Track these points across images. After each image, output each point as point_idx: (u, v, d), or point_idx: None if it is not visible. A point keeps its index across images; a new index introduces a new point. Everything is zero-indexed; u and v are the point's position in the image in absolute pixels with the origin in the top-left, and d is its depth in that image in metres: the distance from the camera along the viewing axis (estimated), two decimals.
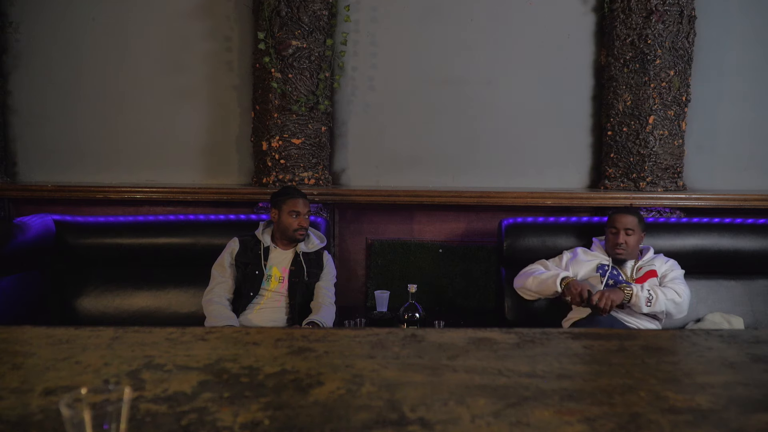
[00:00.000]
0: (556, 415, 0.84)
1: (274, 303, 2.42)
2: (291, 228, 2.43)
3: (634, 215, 2.50)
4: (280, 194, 2.49)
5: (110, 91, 3.23)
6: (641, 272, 2.47)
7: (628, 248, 2.46)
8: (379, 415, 0.83)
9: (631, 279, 2.47)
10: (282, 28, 2.91)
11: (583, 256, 2.55)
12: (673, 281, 2.42)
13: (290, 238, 2.46)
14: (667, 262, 2.51)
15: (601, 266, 2.49)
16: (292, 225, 2.43)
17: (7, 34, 3.18)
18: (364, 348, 1.13)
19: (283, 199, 2.45)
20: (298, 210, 2.43)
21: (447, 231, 3.18)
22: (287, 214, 2.43)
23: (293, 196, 2.45)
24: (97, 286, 2.68)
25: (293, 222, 2.43)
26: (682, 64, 2.99)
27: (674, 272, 2.47)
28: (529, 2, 3.17)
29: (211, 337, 1.18)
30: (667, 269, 2.48)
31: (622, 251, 2.46)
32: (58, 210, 2.84)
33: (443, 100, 3.22)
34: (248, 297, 2.39)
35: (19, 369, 1.01)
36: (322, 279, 2.49)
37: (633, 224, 2.46)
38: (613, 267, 2.49)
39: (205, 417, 0.82)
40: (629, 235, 2.45)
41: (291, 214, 2.43)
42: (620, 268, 2.50)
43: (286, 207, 2.43)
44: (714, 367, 1.05)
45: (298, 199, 2.45)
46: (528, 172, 3.25)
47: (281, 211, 2.44)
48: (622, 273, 2.48)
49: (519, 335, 1.20)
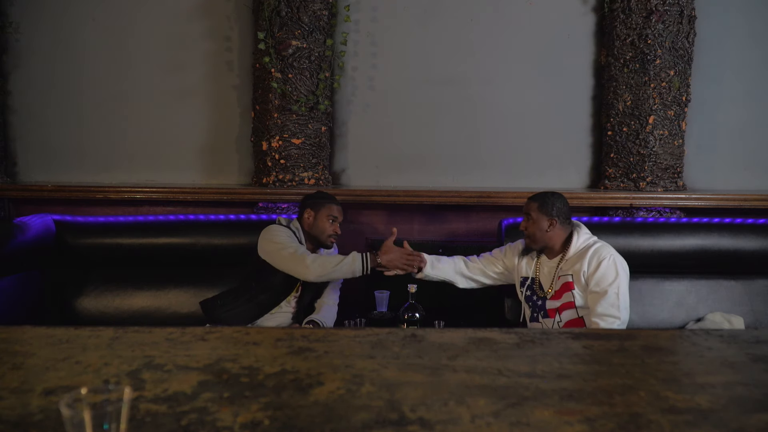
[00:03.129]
0: (556, 415, 0.84)
1: (288, 307, 2.42)
2: (326, 233, 2.41)
3: (535, 200, 2.28)
4: (319, 197, 2.47)
5: (110, 91, 3.22)
6: (559, 283, 2.23)
7: (532, 236, 2.27)
8: (379, 415, 0.83)
9: (549, 291, 2.26)
10: (282, 28, 2.91)
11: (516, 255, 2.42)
12: (601, 317, 2.07)
13: (321, 242, 2.43)
14: (599, 267, 2.14)
15: (524, 278, 2.36)
16: (327, 230, 2.40)
17: (7, 34, 3.18)
18: (364, 348, 1.13)
19: (322, 202, 2.43)
20: (335, 215, 2.41)
21: (447, 231, 3.18)
22: (325, 218, 2.40)
23: (333, 201, 2.44)
24: (97, 286, 2.68)
25: (329, 227, 2.40)
26: (682, 64, 2.99)
27: (608, 294, 2.09)
28: (529, 2, 3.17)
29: (211, 337, 1.18)
30: (598, 280, 2.12)
31: (528, 240, 2.30)
32: (58, 210, 2.84)
33: (443, 100, 3.21)
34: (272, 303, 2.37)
35: (19, 369, 1.01)
36: None
37: (533, 208, 2.26)
38: (533, 279, 2.32)
39: (205, 417, 0.82)
40: (529, 221, 2.27)
41: (329, 218, 2.40)
42: (540, 275, 2.31)
43: (325, 211, 2.41)
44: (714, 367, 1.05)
45: (336, 206, 2.45)
46: (528, 172, 3.25)
47: (318, 213, 2.41)
48: (541, 284, 2.30)
49: (519, 335, 1.20)
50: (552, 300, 2.26)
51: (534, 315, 2.32)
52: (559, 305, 2.24)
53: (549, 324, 2.26)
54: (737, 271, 2.72)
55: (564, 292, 2.23)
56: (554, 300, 2.25)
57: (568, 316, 2.22)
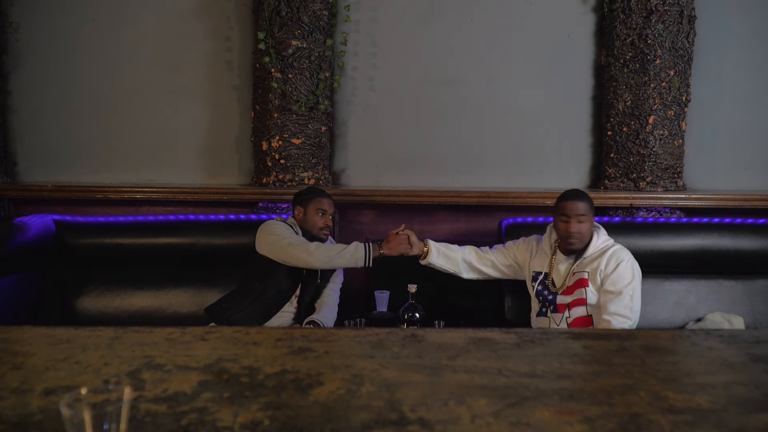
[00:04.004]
0: (556, 415, 0.84)
1: (291, 307, 2.42)
2: (317, 226, 2.42)
3: (585, 200, 2.23)
4: (307, 192, 2.49)
5: (110, 91, 3.22)
6: (573, 279, 2.24)
7: (582, 237, 2.23)
8: (379, 415, 0.83)
9: (561, 288, 2.27)
10: (282, 28, 2.91)
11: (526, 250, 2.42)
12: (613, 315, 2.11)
13: (314, 237, 2.43)
14: (618, 268, 2.18)
15: (536, 273, 2.34)
16: (317, 223, 2.42)
17: (7, 34, 3.18)
18: (364, 348, 1.12)
19: (310, 197, 2.45)
20: (324, 209, 2.43)
21: (447, 231, 3.18)
22: (314, 212, 2.42)
23: (321, 195, 2.46)
24: (97, 286, 2.69)
25: (319, 220, 2.42)
26: (682, 64, 2.99)
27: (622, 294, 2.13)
28: (529, 2, 3.17)
29: (211, 337, 1.18)
30: (614, 280, 2.16)
31: (575, 241, 2.23)
32: (58, 210, 2.84)
33: (443, 100, 3.21)
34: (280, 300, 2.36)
35: (19, 369, 1.01)
36: (331, 280, 2.50)
37: (585, 210, 2.21)
38: (546, 274, 2.31)
39: (205, 417, 0.82)
40: (582, 222, 2.21)
41: (318, 212, 2.42)
42: (554, 271, 2.30)
43: (313, 205, 2.43)
44: (714, 367, 1.05)
45: (325, 198, 2.45)
46: (528, 172, 3.25)
47: (307, 209, 2.43)
48: (554, 280, 2.29)
49: (519, 335, 1.20)
50: (563, 295, 2.28)
51: (543, 309, 2.33)
52: (570, 301, 2.26)
53: (557, 319, 2.28)
54: (737, 271, 2.72)
55: (577, 288, 2.25)
56: (565, 295, 2.27)
57: (578, 313, 2.24)
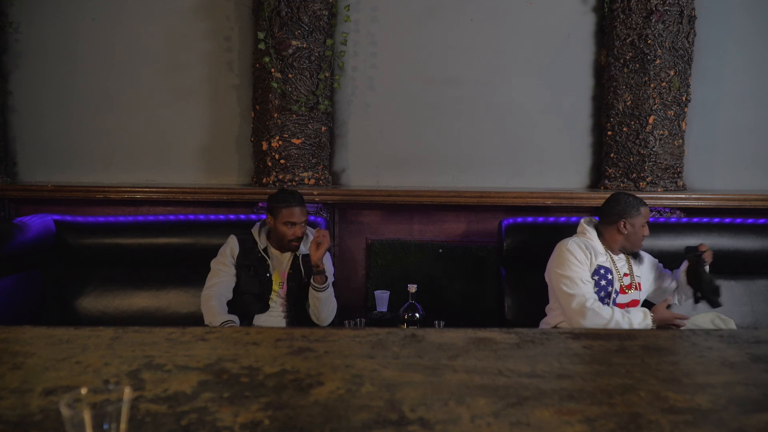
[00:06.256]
0: (556, 415, 0.84)
1: (278, 308, 2.40)
2: (285, 238, 2.34)
3: (646, 205, 2.39)
4: (276, 200, 2.35)
5: (110, 91, 3.22)
6: (627, 279, 2.39)
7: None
8: (379, 415, 0.83)
9: (620, 281, 2.36)
10: (282, 28, 2.91)
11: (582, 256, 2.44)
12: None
13: (285, 247, 2.39)
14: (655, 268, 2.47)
15: (601, 267, 2.35)
16: (286, 235, 2.33)
17: (7, 34, 3.18)
18: (364, 348, 1.12)
19: (279, 208, 2.33)
20: (293, 221, 2.32)
21: (447, 231, 3.18)
22: (282, 224, 2.32)
23: (289, 205, 2.32)
24: (97, 286, 2.68)
25: (288, 232, 2.32)
26: (682, 64, 2.99)
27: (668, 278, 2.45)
28: (529, 2, 3.17)
29: (211, 337, 1.18)
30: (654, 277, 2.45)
31: (640, 244, 2.39)
32: (58, 210, 2.84)
33: (443, 100, 3.21)
34: (256, 306, 2.36)
35: (19, 369, 1.01)
36: None
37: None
38: (608, 269, 2.35)
39: (205, 417, 0.82)
40: (645, 226, 2.36)
41: (286, 225, 2.32)
42: (615, 266, 2.38)
43: (281, 217, 2.32)
44: (714, 367, 1.05)
45: (294, 208, 2.32)
46: (528, 172, 3.25)
47: (276, 219, 2.34)
48: (615, 274, 2.37)
49: (519, 335, 1.20)
50: (622, 295, 2.36)
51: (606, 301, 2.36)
52: (628, 302, 2.37)
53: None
54: (737, 271, 2.72)
55: (632, 289, 2.38)
56: (623, 295, 2.36)
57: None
